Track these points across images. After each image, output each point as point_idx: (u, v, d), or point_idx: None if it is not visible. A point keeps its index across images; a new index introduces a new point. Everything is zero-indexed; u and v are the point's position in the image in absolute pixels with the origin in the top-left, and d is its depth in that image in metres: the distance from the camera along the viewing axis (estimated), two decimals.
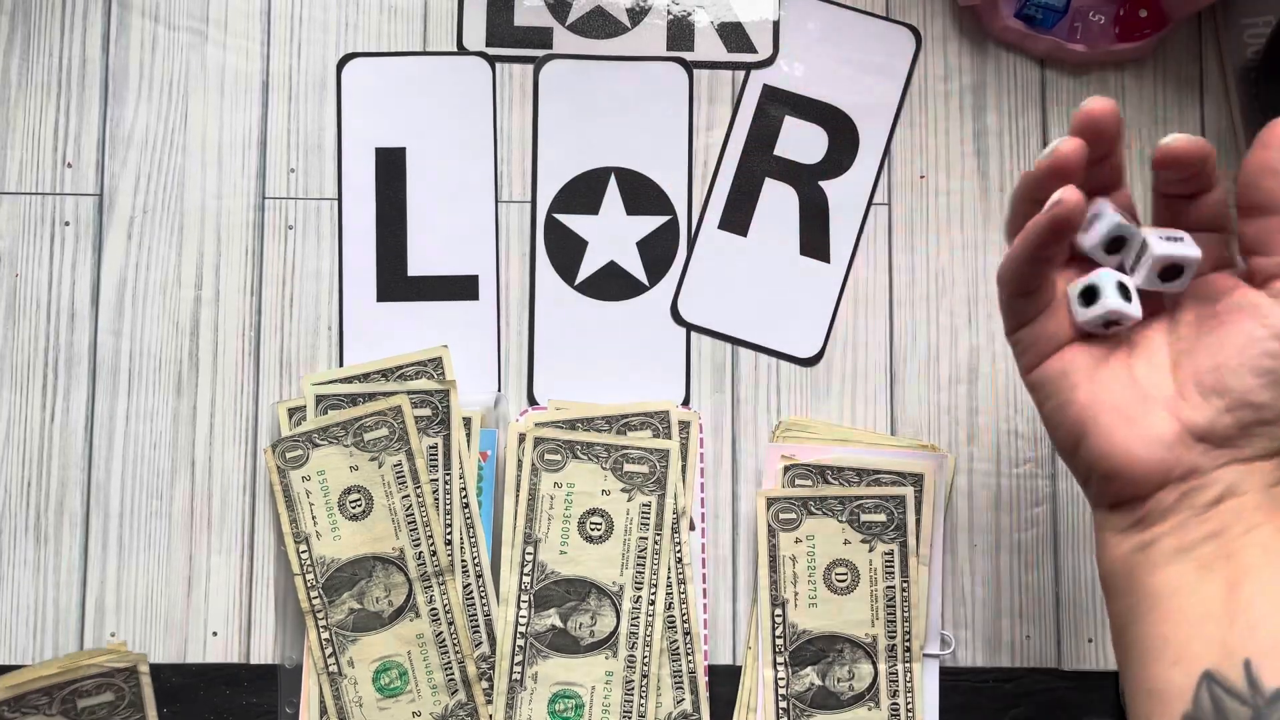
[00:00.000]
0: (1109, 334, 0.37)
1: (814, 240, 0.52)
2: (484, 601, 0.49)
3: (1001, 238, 0.53)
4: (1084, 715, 0.50)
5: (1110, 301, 0.36)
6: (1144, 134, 0.53)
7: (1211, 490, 0.35)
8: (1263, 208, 0.35)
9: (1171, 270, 0.36)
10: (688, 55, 0.53)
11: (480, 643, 0.49)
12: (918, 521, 0.49)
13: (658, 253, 0.52)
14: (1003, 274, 0.38)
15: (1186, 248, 0.36)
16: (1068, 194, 0.35)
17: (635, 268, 0.52)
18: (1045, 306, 0.38)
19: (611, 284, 0.52)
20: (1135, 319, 0.36)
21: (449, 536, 0.49)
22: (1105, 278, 0.36)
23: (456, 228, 0.52)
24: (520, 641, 0.49)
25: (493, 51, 0.53)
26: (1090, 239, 0.37)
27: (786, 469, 0.50)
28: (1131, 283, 0.37)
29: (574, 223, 0.52)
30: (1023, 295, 0.37)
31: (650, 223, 0.53)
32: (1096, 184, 0.37)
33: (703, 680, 0.49)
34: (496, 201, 0.52)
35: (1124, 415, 0.36)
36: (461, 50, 0.53)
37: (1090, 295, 0.36)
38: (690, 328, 0.52)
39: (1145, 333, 0.37)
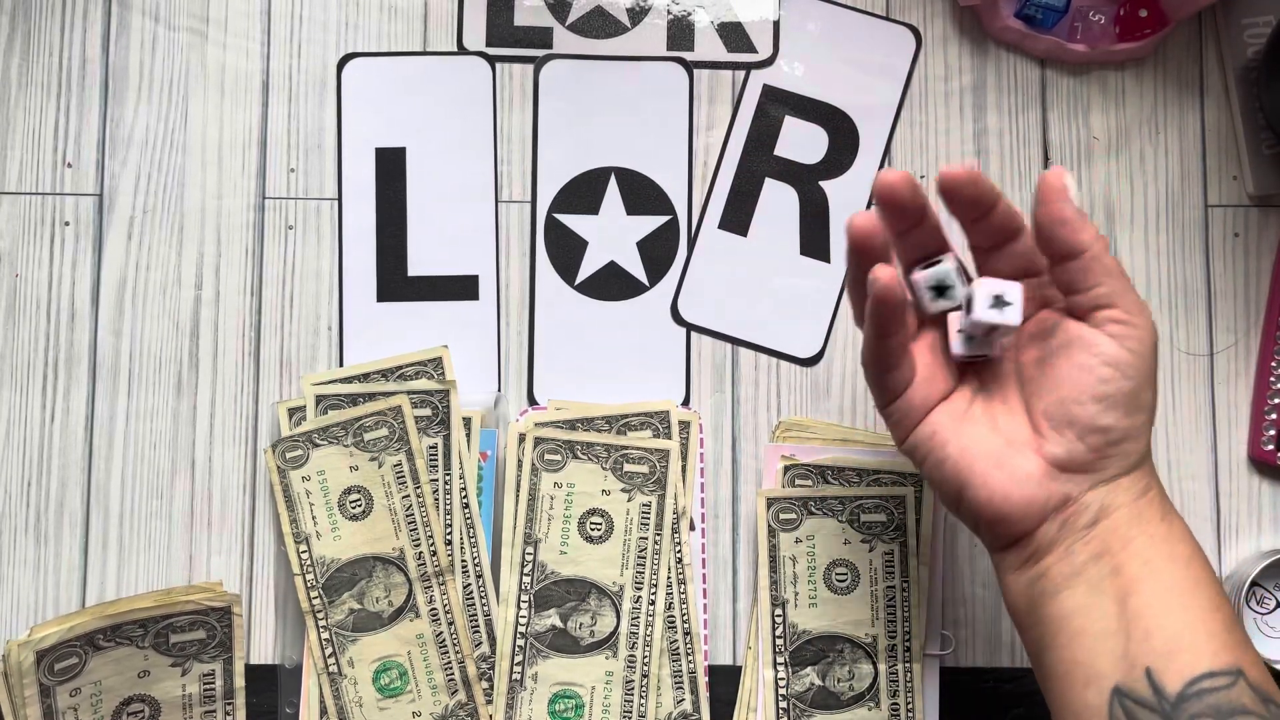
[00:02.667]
0: (986, 351, 0.39)
1: (814, 240, 0.52)
2: (484, 601, 0.49)
3: None
4: None
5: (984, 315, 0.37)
6: (1144, 134, 0.53)
7: (1087, 513, 0.37)
8: (1065, 254, 0.37)
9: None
10: (688, 55, 0.53)
11: (480, 643, 0.49)
12: (918, 521, 0.49)
13: (658, 253, 0.52)
14: (864, 358, 0.40)
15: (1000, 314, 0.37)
16: (878, 272, 0.36)
17: (635, 268, 0.52)
18: (911, 378, 0.39)
19: (611, 284, 0.52)
20: (1013, 325, 0.37)
21: (449, 536, 0.49)
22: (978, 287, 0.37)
23: (456, 228, 0.52)
24: (520, 641, 0.49)
25: (493, 51, 0.53)
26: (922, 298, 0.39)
27: (786, 469, 0.50)
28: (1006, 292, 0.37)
29: (574, 223, 0.52)
30: (888, 372, 0.39)
31: (650, 223, 0.53)
32: (923, 249, 0.39)
33: (703, 680, 0.49)
34: (496, 201, 0.52)
35: (994, 461, 0.38)
36: (461, 50, 0.53)
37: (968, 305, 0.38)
38: (690, 328, 0.52)
39: (998, 385, 0.40)
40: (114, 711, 0.47)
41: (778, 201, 0.53)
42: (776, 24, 0.53)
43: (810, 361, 0.52)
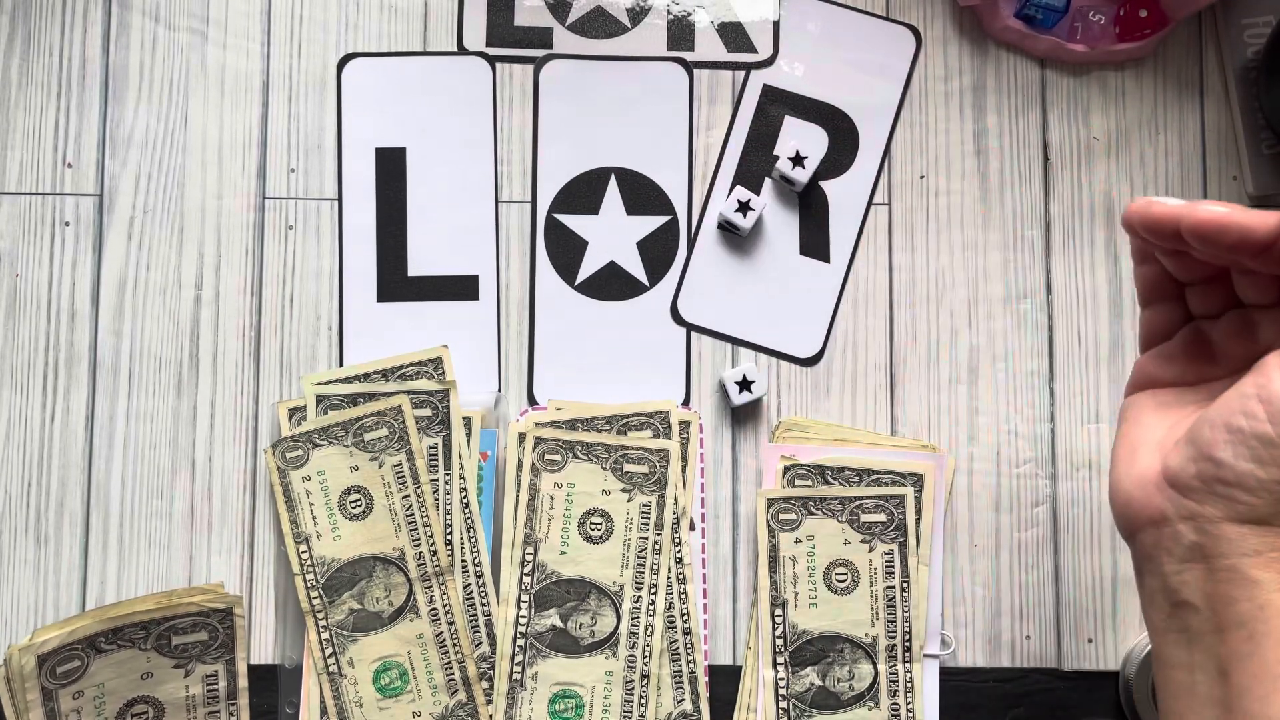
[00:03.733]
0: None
1: (814, 240, 0.52)
2: (484, 601, 0.49)
3: (1001, 235, 0.53)
4: (1084, 715, 0.50)
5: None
6: (1144, 134, 0.53)
7: (1179, 545, 0.34)
8: None
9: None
10: (688, 55, 0.53)
11: (480, 643, 0.49)
12: (918, 521, 0.49)
13: (658, 253, 0.52)
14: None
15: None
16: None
17: (635, 268, 0.52)
18: (1156, 339, 0.39)
19: (611, 284, 0.52)
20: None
21: (449, 536, 0.49)
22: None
23: (456, 228, 0.52)
24: (520, 641, 0.49)
25: (493, 51, 0.53)
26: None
27: (786, 469, 0.50)
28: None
29: (574, 223, 0.52)
30: (1144, 319, 0.39)
31: (650, 223, 0.53)
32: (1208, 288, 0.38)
33: (703, 680, 0.49)
34: (496, 201, 0.52)
35: (1133, 451, 0.36)
36: (461, 50, 0.53)
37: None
38: (690, 328, 0.52)
39: (1216, 386, 0.37)
40: (118, 713, 0.47)
41: (778, 201, 0.53)
42: (776, 24, 0.53)
43: (810, 361, 0.52)
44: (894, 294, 0.52)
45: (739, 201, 0.51)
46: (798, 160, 0.51)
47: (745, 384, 0.50)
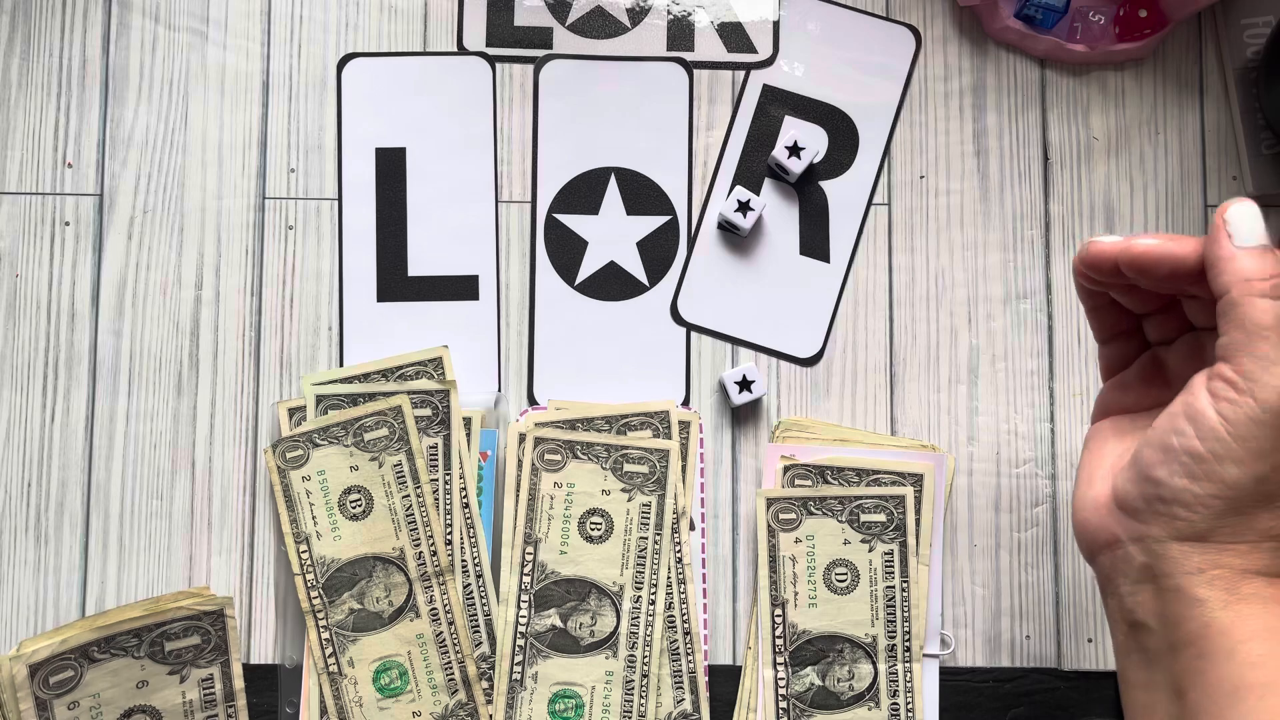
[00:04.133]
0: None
1: (814, 240, 0.53)
2: (484, 601, 0.49)
3: (1001, 235, 0.53)
4: (1084, 715, 0.50)
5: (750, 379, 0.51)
6: (1144, 134, 0.53)
7: (1130, 566, 0.35)
8: (1213, 295, 0.34)
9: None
10: (688, 55, 0.53)
11: (480, 643, 0.49)
12: (918, 521, 0.49)
13: (658, 253, 0.52)
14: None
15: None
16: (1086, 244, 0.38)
17: (635, 268, 0.52)
18: (1114, 369, 0.41)
19: (611, 284, 0.52)
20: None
21: (449, 536, 0.49)
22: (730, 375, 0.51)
23: (456, 228, 0.52)
24: (520, 641, 0.49)
25: (493, 51, 0.53)
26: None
27: (786, 469, 0.50)
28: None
29: (574, 223, 0.52)
30: (1100, 346, 0.41)
31: (650, 223, 0.53)
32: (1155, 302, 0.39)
33: (703, 680, 0.49)
34: (496, 201, 0.52)
35: (1090, 479, 0.38)
36: (461, 50, 0.53)
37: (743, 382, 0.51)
38: (690, 328, 0.52)
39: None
40: None
41: (778, 201, 0.53)
42: (776, 24, 0.53)
43: (810, 361, 0.52)
44: (894, 294, 0.52)
45: (739, 201, 0.51)
46: (794, 150, 0.51)
47: (745, 384, 0.50)
